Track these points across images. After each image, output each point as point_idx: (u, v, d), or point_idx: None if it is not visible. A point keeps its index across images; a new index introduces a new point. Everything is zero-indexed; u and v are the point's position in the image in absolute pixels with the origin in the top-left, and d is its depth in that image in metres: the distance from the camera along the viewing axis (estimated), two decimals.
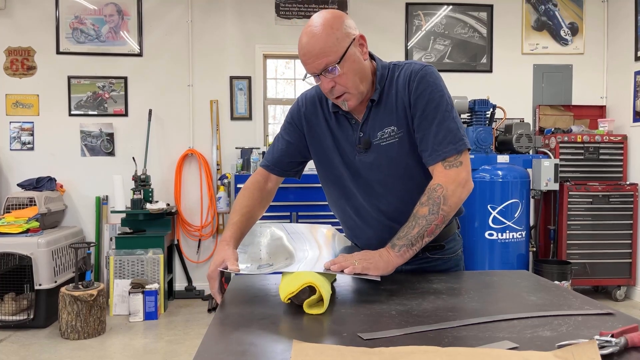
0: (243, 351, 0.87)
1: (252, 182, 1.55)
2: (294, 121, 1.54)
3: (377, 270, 1.21)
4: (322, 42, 1.28)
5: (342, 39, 1.30)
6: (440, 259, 1.50)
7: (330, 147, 1.48)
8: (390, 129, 1.39)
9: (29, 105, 4.61)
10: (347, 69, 1.31)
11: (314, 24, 1.31)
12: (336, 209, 1.58)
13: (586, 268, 4.36)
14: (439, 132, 1.33)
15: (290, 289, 1.08)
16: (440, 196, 1.29)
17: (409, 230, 1.27)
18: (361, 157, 1.42)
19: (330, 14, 1.32)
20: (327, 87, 1.34)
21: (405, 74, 1.39)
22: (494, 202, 3.83)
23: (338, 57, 1.29)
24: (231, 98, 4.76)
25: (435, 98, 1.35)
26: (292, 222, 4.16)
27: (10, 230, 3.76)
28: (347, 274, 1.17)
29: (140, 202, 4.21)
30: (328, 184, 1.55)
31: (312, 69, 1.32)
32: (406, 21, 4.87)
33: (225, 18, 4.74)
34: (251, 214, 1.48)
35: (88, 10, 4.63)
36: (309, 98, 1.52)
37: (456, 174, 1.32)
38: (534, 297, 1.20)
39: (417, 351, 0.82)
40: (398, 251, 1.25)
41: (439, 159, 1.33)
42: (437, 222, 1.28)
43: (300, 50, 1.33)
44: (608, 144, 4.44)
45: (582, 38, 4.98)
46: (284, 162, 1.55)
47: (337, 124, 1.46)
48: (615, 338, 0.83)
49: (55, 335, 3.60)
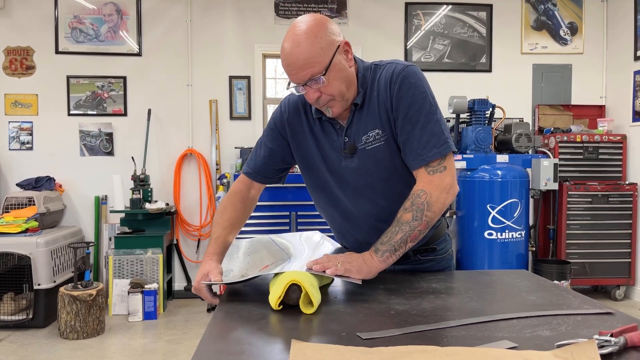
0: (241, 351, 0.87)
1: (234, 192, 1.52)
2: (277, 127, 1.49)
3: (360, 274, 1.20)
4: (307, 53, 1.24)
5: (326, 47, 1.26)
6: (433, 259, 1.50)
7: (314, 154, 1.44)
8: (374, 132, 1.36)
9: (28, 105, 4.60)
10: (333, 78, 1.28)
11: (297, 32, 1.26)
12: (324, 214, 1.56)
13: (585, 268, 4.36)
14: (422, 136, 1.30)
15: (277, 294, 1.07)
16: (424, 202, 1.27)
17: (392, 236, 1.26)
18: (347, 162, 1.39)
19: (314, 21, 1.27)
20: (313, 97, 1.30)
21: (387, 75, 1.34)
22: (494, 201, 3.82)
23: (323, 67, 1.25)
24: (230, 98, 4.76)
25: (418, 100, 1.31)
26: (291, 222, 4.16)
27: (9, 230, 3.76)
28: (328, 275, 1.16)
29: (139, 201, 4.21)
30: (315, 189, 1.52)
31: (297, 80, 1.28)
32: (405, 21, 4.87)
33: (224, 17, 4.74)
34: (233, 227, 1.46)
35: (87, 9, 4.62)
36: (291, 104, 1.48)
37: (440, 180, 1.30)
38: (533, 296, 1.20)
39: (415, 351, 0.82)
40: (381, 256, 1.24)
41: (422, 164, 1.30)
42: (421, 228, 1.27)
43: (284, 60, 1.28)
44: (607, 144, 4.44)
45: (581, 38, 4.98)
46: (266, 170, 1.52)
47: (321, 130, 1.43)
48: (614, 337, 0.83)
49: (54, 335, 3.59)
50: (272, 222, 4.10)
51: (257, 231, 4.05)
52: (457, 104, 4.05)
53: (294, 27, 1.27)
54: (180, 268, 4.76)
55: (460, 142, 4.20)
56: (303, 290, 1.07)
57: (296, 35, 1.25)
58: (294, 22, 1.29)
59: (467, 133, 4.09)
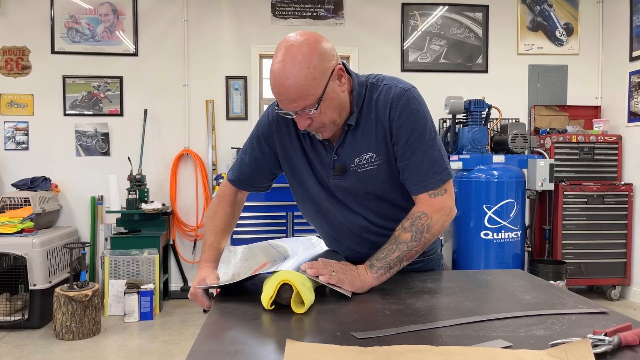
0: (236, 351, 0.86)
1: (222, 196, 1.50)
2: (264, 136, 1.44)
3: (352, 287, 1.19)
4: (299, 86, 1.17)
5: (319, 78, 1.19)
6: (422, 261, 1.50)
7: (303, 167, 1.42)
8: (368, 155, 1.33)
9: (24, 105, 4.58)
10: (325, 108, 1.23)
11: (288, 60, 1.17)
12: (314, 224, 1.55)
13: (581, 268, 4.38)
14: (423, 162, 1.30)
15: (269, 294, 1.07)
16: (424, 224, 1.28)
17: (389, 253, 1.26)
18: (336, 181, 1.37)
19: (307, 47, 1.18)
20: (304, 124, 1.26)
21: (386, 99, 1.30)
22: (490, 202, 3.83)
23: (316, 99, 1.20)
24: (227, 98, 4.75)
25: (419, 127, 1.29)
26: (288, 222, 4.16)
27: (4, 231, 3.75)
28: (321, 282, 1.16)
29: (135, 202, 4.20)
30: (304, 201, 1.50)
31: (287, 109, 1.23)
32: (402, 21, 4.87)
33: (221, 18, 4.73)
34: (225, 232, 1.46)
35: (83, 9, 4.61)
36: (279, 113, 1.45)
37: (442, 203, 1.30)
38: (528, 296, 1.21)
39: (410, 350, 0.82)
40: (375, 273, 1.24)
41: (425, 190, 1.30)
42: (418, 249, 1.28)
43: (273, 87, 1.21)
44: (603, 144, 4.46)
45: (577, 38, 5.00)
46: (251, 179, 1.49)
47: (310, 144, 1.39)
48: (608, 337, 0.84)
49: (49, 335, 3.58)
50: (268, 222, 4.10)
51: (253, 232, 4.05)
52: (453, 104, 4.06)
53: (286, 51, 1.18)
54: (176, 268, 4.75)
55: (456, 142, 4.21)
56: (294, 290, 1.07)
57: (286, 63, 1.17)
58: (285, 44, 1.20)
59: (463, 133, 4.10)
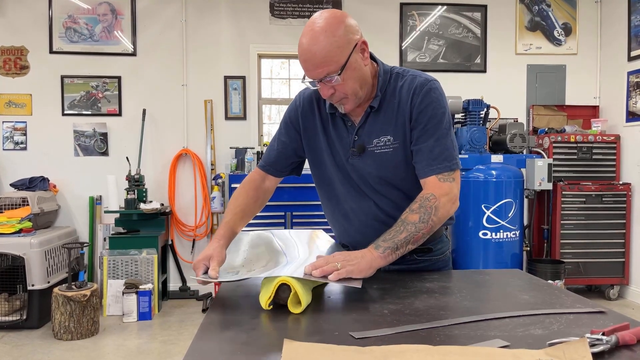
0: (234, 350, 0.86)
1: (248, 181, 1.56)
2: (291, 120, 1.53)
3: (360, 273, 1.17)
4: (324, 51, 1.25)
5: (343, 46, 1.27)
6: (429, 260, 1.50)
7: (322, 148, 1.48)
8: (386, 137, 1.39)
9: (22, 105, 4.58)
10: (348, 77, 1.30)
11: (315, 28, 1.26)
12: (326, 209, 1.59)
13: (580, 267, 4.38)
14: (435, 147, 1.35)
15: (267, 294, 1.07)
16: (432, 206, 1.29)
17: (396, 234, 1.26)
18: (353, 160, 1.43)
19: (333, 17, 1.27)
20: (327, 93, 1.33)
21: (410, 87, 1.38)
22: (488, 201, 3.84)
23: (339, 66, 1.27)
24: (225, 98, 4.75)
25: (437, 115, 1.36)
26: (287, 222, 4.16)
27: (2, 231, 3.74)
28: (331, 281, 1.11)
29: (134, 202, 4.20)
30: (320, 184, 1.56)
31: (312, 76, 1.31)
32: (400, 21, 4.88)
33: (219, 18, 4.73)
34: (245, 213, 1.48)
35: (81, 9, 4.60)
36: (306, 97, 1.51)
37: (449, 188, 1.34)
38: (526, 295, 1.21)
39: (408, 350, 0.82)
40: (382, 252, 1.22)
41: (433, 173, 1.34)
42: (425, 231, 1.28)
43: (301, 55, 1.29)
44: (601, 144, 4.46)
45: (575, 38, 5.00)
46: (280, 163, 1.56)
47: (332, 125, 1.46)
48: (606, 336, 0.84)
49: (48, 335, 3.58)
50: (267, 222, 4.09)
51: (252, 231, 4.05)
52: (451, 104, 4.06)
53: (312, 22, 1.28)
54: (175, 268, 4.75)
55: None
56: (292, 290, 1.07)
57: (314, 31, 1.26)
58: (312, 17, 1.29)
59: (461, 133, 4.10)
